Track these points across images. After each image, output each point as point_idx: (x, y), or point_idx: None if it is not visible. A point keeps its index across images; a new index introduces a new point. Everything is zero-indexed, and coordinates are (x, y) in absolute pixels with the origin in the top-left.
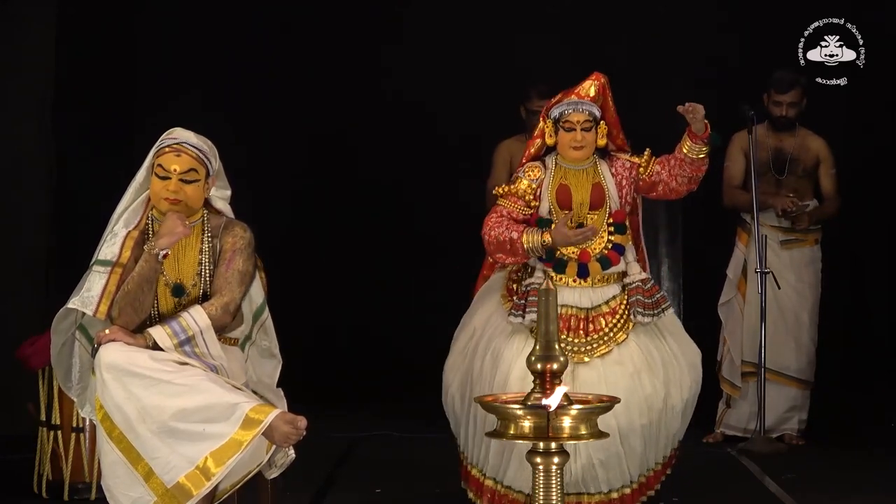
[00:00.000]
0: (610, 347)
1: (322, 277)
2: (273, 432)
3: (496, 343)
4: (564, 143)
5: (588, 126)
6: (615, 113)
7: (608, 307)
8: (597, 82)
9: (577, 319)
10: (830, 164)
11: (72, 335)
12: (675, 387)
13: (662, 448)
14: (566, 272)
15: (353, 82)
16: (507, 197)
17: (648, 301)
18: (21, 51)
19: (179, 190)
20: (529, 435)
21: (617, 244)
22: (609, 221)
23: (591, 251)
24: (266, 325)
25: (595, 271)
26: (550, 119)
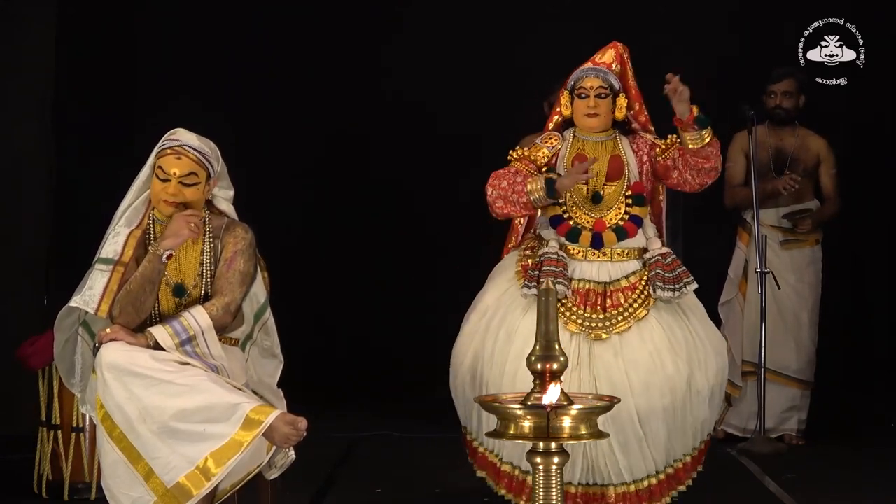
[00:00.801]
0: (630, 324)
1: (322, 277)
2: (273, 433)
3: (510, 319)
4: (579, 112)
5: (602, 93)
6: (636, 87)
7: (627, 282)
8: (613, 50)
9: (595, 294)
10: (831, 165)
11: (75, 332)
12: (699, 369)
13: (690, 437)
14: (580, 241)
15: (353, 82)
16: (521, 160)
17: (669, 275)
18: (21, 51)
19: (178, 193)
20: (529, 435)
21: (634, 216)
22: (627, 193)
23: (606, 221)
24: (268, 325)
25: (610, 241)
26: (567, 90)
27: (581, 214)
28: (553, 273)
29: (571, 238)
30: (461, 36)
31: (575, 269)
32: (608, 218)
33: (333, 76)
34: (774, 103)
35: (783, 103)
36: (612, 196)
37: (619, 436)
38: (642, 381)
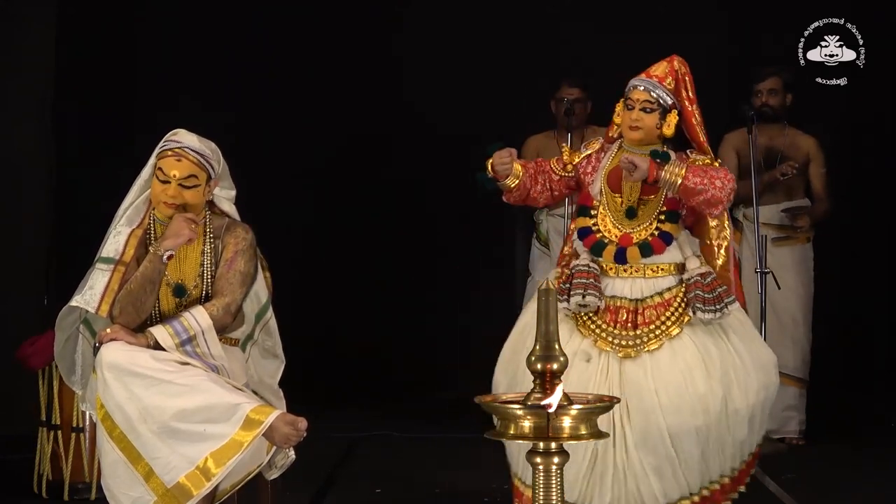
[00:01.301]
0: (661, 342)
1: (322, 277)
2: (273, 433)
3: None
4: (625, 123)
5: (649, 107)
6: (692, 106)
7: (661, 298)
8: (668, 64)
9: (627, 312)
10: (821, 164)
11: (76, 331)
12: (738, 389)
13: (729, 458)
14: (604, 255)
15: (354, 82)
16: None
17: (709, 296)
18: (21, 51)
19: (178, 195)
20: (529, 435)
21: (665, 233)
22: (662, 209)
23: (634, 236)
24: (269, 325)
25: (633, 257)
26: (623, 99)
27: (610, 228)
28: (584, 285)
29: (596, 251)
30: (464, 35)
31: (606, 285)
32: (637, 233)
33: (334, 76)
34: (760, 102)
35: (769, 101)
36: (646, 212)
37: (651, 457)
38: (673, 401)
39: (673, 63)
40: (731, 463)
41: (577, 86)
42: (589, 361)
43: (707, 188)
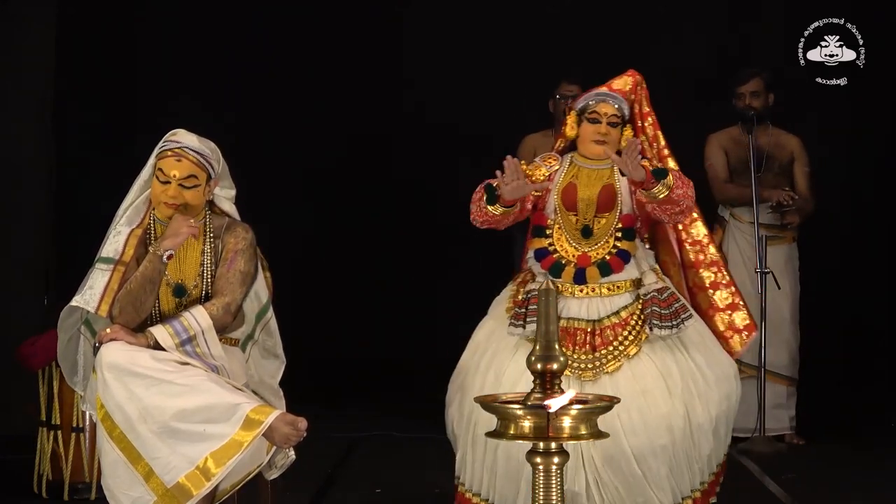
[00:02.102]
0: (620, 363)
1: (322, 277)
2: (273, 433)
3: (498, 360)
4: (586, 136)
5: (614, 121)
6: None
7: (618, 318)
8: (631, 79)
9: (584, 333)
10: (804, 163)
11: (77, 331)
12: (700, 403)
13: (698, 472)
14: (562, 276)
15: (354, 83)
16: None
17: (666, 312)
18: (21, 51)
19: (178, 195)
20: (529, 435)
21: (622, 251)
22: (618, 226)
23: (592, 255)
24: (270, 325)
25: (593, 277)
26: (575, 111)
27: (567, 248)
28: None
29: (554, 273)
30: (465, 36)
31: (562, 307)
32: (594, 252)
33: (334, 76)
34: (743, 104)
35: (752, 103)
36: (602, 229)
37: (618, 478)
38: (635, 423)
39: (636, 77)
40: (701, 476)
41: (577, 83)
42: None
43: (682, 198)
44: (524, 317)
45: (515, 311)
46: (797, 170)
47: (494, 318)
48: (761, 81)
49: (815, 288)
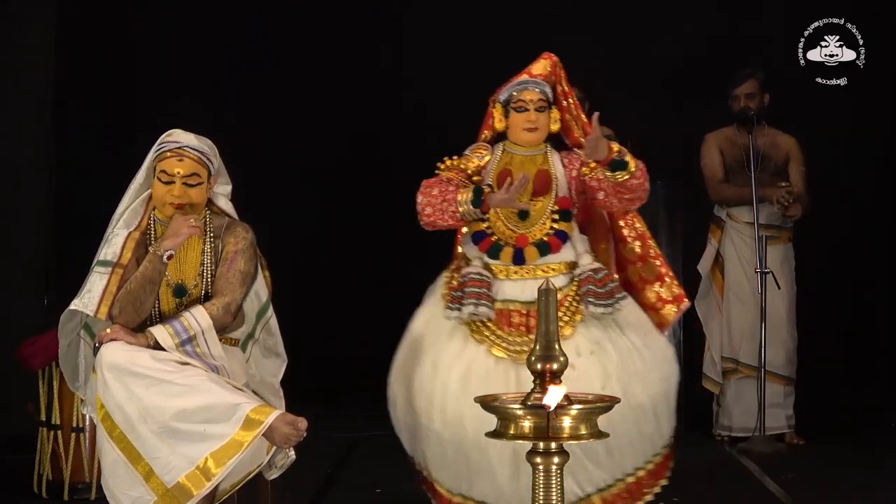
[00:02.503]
0: None
1: (323, 277)
2: (273, 433)
3: (435, 348)
4: (517, 126)
5: (541, 106)
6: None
7: None
8: (548, 61)
9: (519, 315)
10: (800, 162)
11: (77, 335)
12: (638, 383)
13: (640, 452)
14: (501, 257)
15: (353, 83)
16: (451, 170)
17: (601, 291)
18: (21, 51)
19: (184, 194)
20: (529, 435)
21: (560, 231)
22: (554, 209)
23: (530, 236)
24: (270, 324)
25: (531, 257)
26: (499, 103)
27: (504, 230)
28: (476, 295)
29: (493, 254)
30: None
31: (497, 289)
32: (532, 234)
33: (334, 76)
34: (739, 106)
35: (748, 104)
36: (538, 212)
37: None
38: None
39: (552, 58)
40: (644, 456)
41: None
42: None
43: (639, 187)
44: (460, 300)
45: (451, 294)
46: (793, 169)
47: (429, 307)
48: (756, 82)
49: (814, 288)
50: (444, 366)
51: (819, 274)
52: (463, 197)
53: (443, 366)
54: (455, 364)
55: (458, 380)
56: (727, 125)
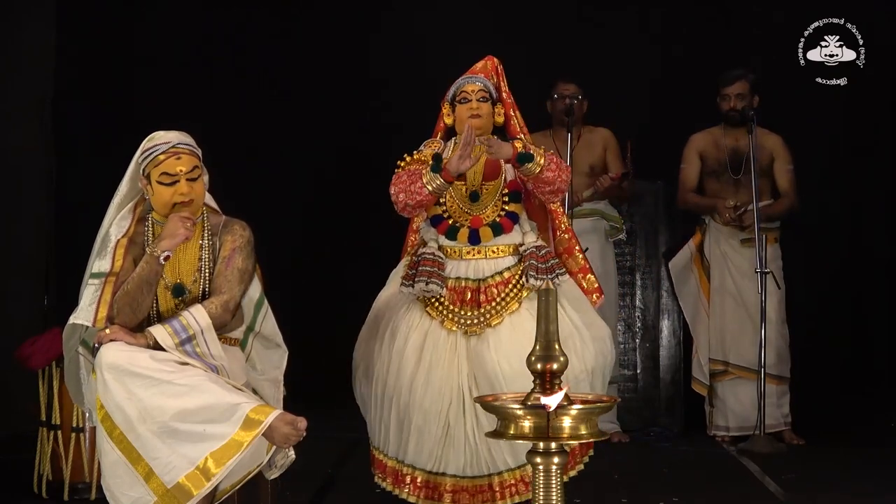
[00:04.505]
0: (502, 318)
1: (322, 277)
2: (273, 433)
3: (394, 319)
4: (462, 116)
5: (483, 97)
6: (509, 97)
7: (501, 277)
8: (489, 62)
9: (471, 291)
10: (786, 161)
11: (77, 352)
12: (575, 356)
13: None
14: (458, 238)
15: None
16: (412, 164)
17: (542, 266)
18: (21, 51)
19: (190, 190)
20: (529, 435)
21: (511, 212)
22: (504, 191)
23: (483, 218)
24: (268, 316)
25: (486, 237)
26: (447, 101)
27: (460, 213)
28: (428, 273)
29: (450, 235)
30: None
31: (451, 268)
32: (485, 215)
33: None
34: (729, 106)
35: (737, 105)
36: (489, 194)
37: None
38: (515, 369)
39: (493, 61)
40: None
41: (573, 83)
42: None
43: (556, 176)
44: (413, 277)
45: (406, 272)
46: (778, 168)
47: (389, 287)
48: (746, 84)
49: (814, 288)
50: (401, 335)
51: (819, 274)
52: (428, 177)
53: (400, 334)
54: (411, 334)
55: (413, 349)
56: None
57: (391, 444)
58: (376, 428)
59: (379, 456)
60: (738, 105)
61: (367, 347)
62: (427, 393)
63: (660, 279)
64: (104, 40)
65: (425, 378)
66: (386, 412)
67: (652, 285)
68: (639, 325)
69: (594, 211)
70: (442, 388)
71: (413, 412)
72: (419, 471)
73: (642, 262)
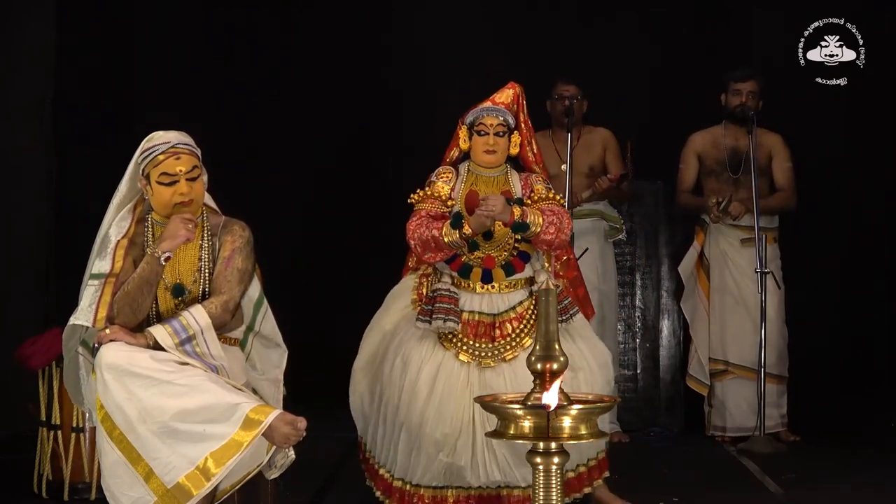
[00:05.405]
0: (516, 352)
1: (322, 278)
2: (273, 433)
3: (406, 348)
4: (477, 148)
5: (501, 131)
6: (528, 126)
7: (514, 312)
8: (512, 91)
9: (485, 325)
10: (784, 158)
11: (76, 352)
12: (585, 387)
13: (585, 450)
14: (471, 277)
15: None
16: (425, 200)
17: (557, 307)
18: (21, 51)
19: (190, 190)
20: (529, 435)
21: (522, 252)
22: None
23: (496, 258)
24: (268, 316)
25: (499, 277)
26: (465, 125)
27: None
28: (445, 310)
29: (463, 274)
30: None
31: (465, 301)
32: (497, 254)
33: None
34: (739, 101)
35: (748, 102)
36: (502, 232)
37: (508, 449)
38: None
39: (515, 89)
40: (588, 454)
41: (573, 84)
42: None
43: (555, 237)
44: (430, 314)
45: (422, 307)
46: (776, 165)
47: (397, 307)
48: (757, 83)
49: (814, 288)
50: (415, 364)
51: (818, 274)
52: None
53: (413, 364)
54: (424, 365)
55: (426, 379)
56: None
57: (398, 466)
58: (380, 447)
59: (384, 474)
60: (749, 102)
61: (373, 368)
62: (438, 424)
63: (660, 279)
64: (104, 40)
65: (436, 410)
66: (396, 436)
67: (652, 285)
68: (639, 325)
69: (593, 211)
70: (453, 418)
71: (423, 441)
72: (426, 489)
73: (642, 262)
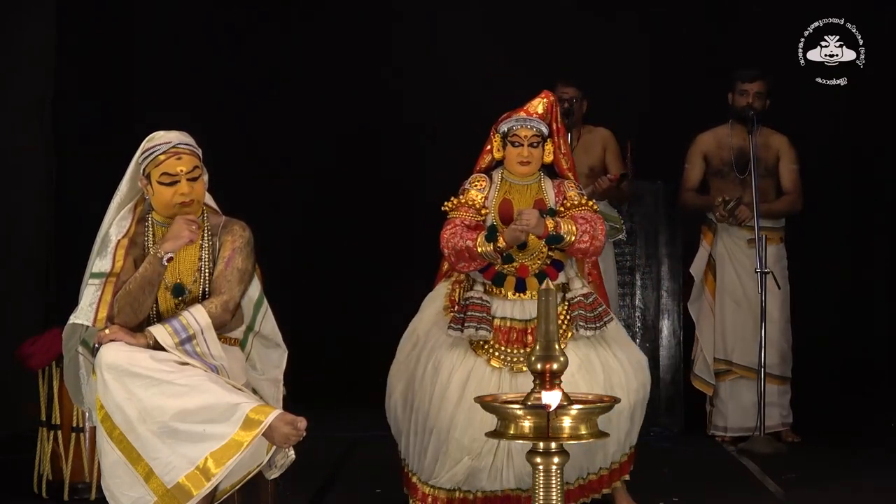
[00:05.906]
0: None
1: (323, 277)
2: (273, 433)
3: (437, 354)
4: (511, 158)
5: (535, 142)
6: (560, 133)
7: None
8: (545, 100)
9: (517, 331)
10: (791, 160)
11: (76, 351)
12: (620, 391)
13: (611, 454)
14: (504, 286)
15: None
16: (458, 209)
17: (590, 315)
18: (21, 51)
19: (191, 190)
20: (529, 435)
21: (556, 260)
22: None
23: (529, 266)
24: (268, 316)
25: (533, 286)
26: (499, 134)
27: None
28: (477, 318)
29: (497, 283)
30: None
31: (497, 307)
32: (531, 263)
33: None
34: (747, 101)
35: (755, 102)
36: (536, 243)
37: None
38: None
39: (550, 98)
40: (613, 458)
41: (573, 84)
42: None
43: (589, 245)
44: (462, 322)
45: (454, 314)
46: (782, 166)
47: (430, 313)
48: (765, 84)
49: (814, 288)
50: (446, 370)
51: (819, 274)
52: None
53: (444, 370)
54: (455, 371)
55: (457, 385)
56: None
57: (425, 471)
58: (414, 455)
59: (414, 481)
60: (756, 103)
61: (406, 373)
62: (468, 429)
63: (660, 279)
64: (104, 40)
65: (466, 415)
66: (426, 441)
67: (652, 285)
68: (639, 325)
69: None
70: (483, 424)
71: (450, 445)
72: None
73: (642, 262)
